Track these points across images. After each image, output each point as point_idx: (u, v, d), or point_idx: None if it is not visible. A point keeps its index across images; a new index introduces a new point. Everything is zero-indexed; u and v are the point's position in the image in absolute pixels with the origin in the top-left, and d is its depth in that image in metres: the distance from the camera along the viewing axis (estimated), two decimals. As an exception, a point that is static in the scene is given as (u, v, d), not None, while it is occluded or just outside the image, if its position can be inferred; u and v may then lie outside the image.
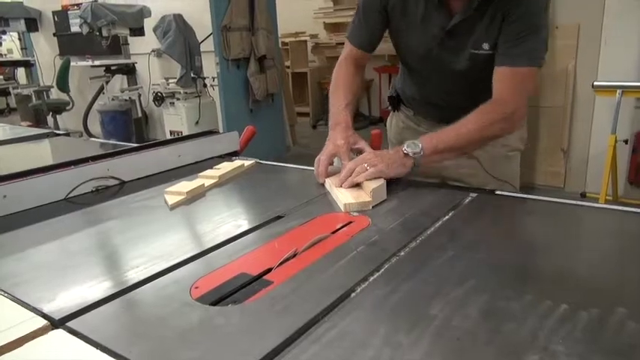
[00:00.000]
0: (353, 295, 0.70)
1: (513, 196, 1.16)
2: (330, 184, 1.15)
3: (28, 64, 6.48)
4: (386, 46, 1.45)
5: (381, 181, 1.09)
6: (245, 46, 4.54)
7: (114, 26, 4.88)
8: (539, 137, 3.80)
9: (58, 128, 5.28)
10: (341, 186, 1.11)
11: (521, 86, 1.18)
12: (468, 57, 1.23)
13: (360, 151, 1.22)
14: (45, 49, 6.58)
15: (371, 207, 1.03)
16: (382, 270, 0.77)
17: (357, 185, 1.11)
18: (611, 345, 0.56)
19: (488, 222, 1.01)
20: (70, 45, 5.90)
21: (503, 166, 1.37)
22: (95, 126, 5.61)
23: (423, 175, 1.29)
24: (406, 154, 1.12)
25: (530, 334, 0.59)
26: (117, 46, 5.47)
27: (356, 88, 1.38)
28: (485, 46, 1.20)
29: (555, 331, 0.59)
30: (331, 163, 1.23)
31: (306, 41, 6.86)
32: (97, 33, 4.88)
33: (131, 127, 5.41)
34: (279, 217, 1.01)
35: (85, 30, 4.84)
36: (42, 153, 1.97)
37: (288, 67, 6.33)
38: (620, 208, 1.02)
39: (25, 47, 6.70)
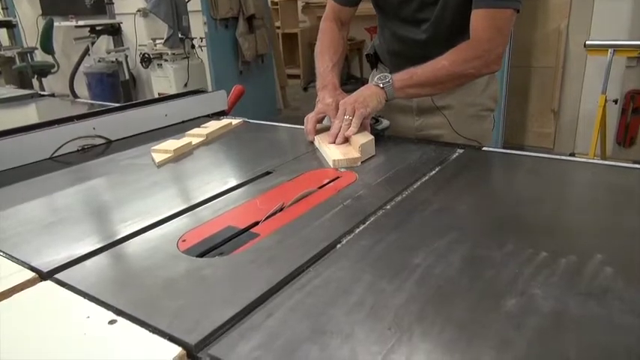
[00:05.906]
0: (338, 246, 0.71)
1: (500, 152, 1.17)
2: (319, 141, 1.16)
3: (10, 25, 6.26)
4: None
5: (370, 137, 1.09)
6: (233, 5, 4.42)
7: (97, -16, 4.72)
8: (529, 98, 3.79)
9: (43, 91, 5.17)
10: (333, 142, 1.11)
11: (498, 27, 1.15)
12: (441, 2, 1.20)
13: None
14: (27, 9, 6.37)
15: (359, 163, 1.04)
16: (368, 223, 0.78)
17: (346, 141, 1.11)
18: (586, 289, 0.58)
19: (474, 176, 1.01)
20: (52, 4, 5.71)
21: (473, 126, 1.35)
22: (82, 89, 5.50)
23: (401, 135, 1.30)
24: (377, 86, 1.16)
25: (509, 280, 0.60)
26: (101, 6, 5.30)
27: (341, 47, 1.38)
28: None
29: (534, 277, 0.60)
30: (320, 121, 1.23)
31: (296, 1, 6.70)
32: (80, -9, 4.73)
33: (119, 90, 5.31)
34: (267, 173, 1.01)
35: (68, -12, 4.68)
36: (28, 114, 1.94)
37: (278, 28, 6.20)
38: (602, 162, 1.04)
39: (7, 7, 6.47)
